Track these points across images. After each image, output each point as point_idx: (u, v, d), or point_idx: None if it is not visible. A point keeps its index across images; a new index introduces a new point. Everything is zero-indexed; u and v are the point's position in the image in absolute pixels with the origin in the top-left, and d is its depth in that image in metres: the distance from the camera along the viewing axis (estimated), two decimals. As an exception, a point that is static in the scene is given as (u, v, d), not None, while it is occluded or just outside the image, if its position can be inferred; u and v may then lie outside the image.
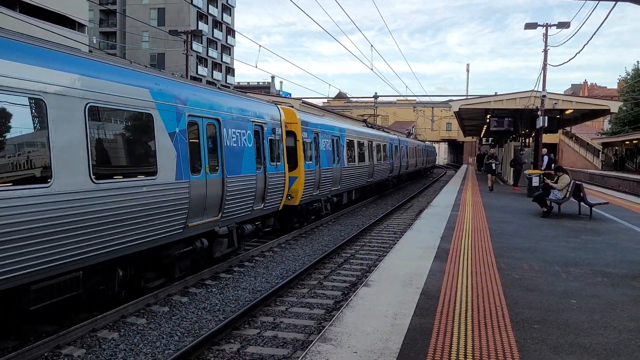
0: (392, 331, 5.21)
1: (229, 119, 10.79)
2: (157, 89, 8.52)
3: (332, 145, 18.23)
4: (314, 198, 16.52)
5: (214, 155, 10.09)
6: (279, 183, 13.19)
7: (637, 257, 9.44)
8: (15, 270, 5.88)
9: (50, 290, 6.60)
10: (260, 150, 12.22)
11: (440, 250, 9.62)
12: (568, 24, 22.42)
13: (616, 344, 5.08)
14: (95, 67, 7.35)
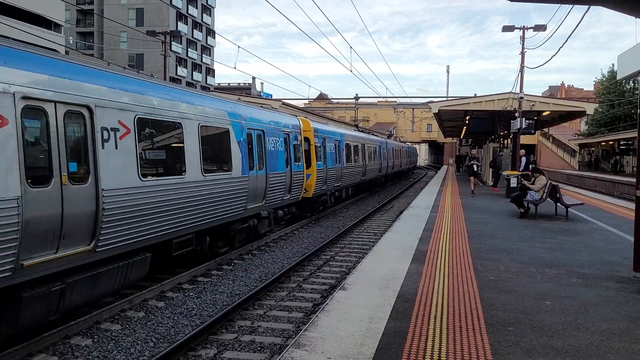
0: (367, 335, 5.18)
1: (269, 130, 14.24)
2: (230, 111, 12.01)
3: (335, 148, 21.23)
4: (322, 192, 19.74)
5: (260, 157, 13.39)
6: (300, 179, 16.56)
7: (610, 258, 9.57)
8: (170, 229, 9.29)
9: (180, 245, 9.90)
10: (287, 152, 15.53)
11: (418, 252, 9.64)
12: (544, 27, 22.71)
13: (588, 345, 5.12)
14: (204, 100, 11.25)
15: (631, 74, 7.68)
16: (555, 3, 7.11)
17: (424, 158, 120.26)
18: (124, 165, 8.03)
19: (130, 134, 8.25)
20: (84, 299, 7.55)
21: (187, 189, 9.67)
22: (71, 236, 6.97)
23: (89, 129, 7.37)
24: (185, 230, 9.86)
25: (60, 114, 6.90)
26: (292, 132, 16.23)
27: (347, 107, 77.65)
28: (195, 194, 9.93)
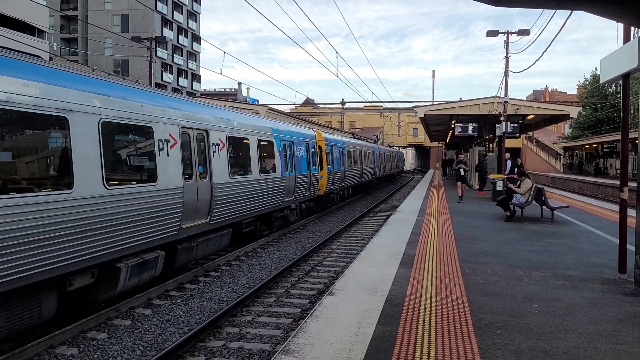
0: (356, 341, 5.17)
1: (297, 140, 17.94)
2: (273, 127, 15.91)
3: (339, 154, 24.79)
4: (331, 191, 23.35)
5: (292, 162, 16.93)
6: (316, 179, 20.33)
7: (596, 260, 9.66)
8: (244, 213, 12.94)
9: (247, 225, 13.53)
10: (308, 158, 19.21)
11: (405, 256, 9.65)
12: (528, 32, 22.98)
13: (576, 347, 5.15)
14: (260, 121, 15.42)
15: (613, 77, 7.78)
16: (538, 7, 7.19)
17: (410, 162, 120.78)
18: (222, 167, 11.78)
19: (225, 147, 12.10)
20: (200, 254, 11.32)
21: (253, 185, 13.55)
22: (200, 212, 10.73)
23: (206, 144, 11.22)
24: (250, 214, 13.67)
25: (194, 136, 10.72)
26: (311, 141, 20.07)
27: (334, 112, 77.75)
28: (256, 188, 13.82)
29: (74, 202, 7.16)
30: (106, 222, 7.80)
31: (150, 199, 8.87)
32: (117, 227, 8.06)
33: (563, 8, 6.93)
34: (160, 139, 9.39)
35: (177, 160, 9.83)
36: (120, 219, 8.10)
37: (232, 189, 12.19)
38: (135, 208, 8.47)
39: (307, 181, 18.88)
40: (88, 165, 7.47)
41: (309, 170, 19.10)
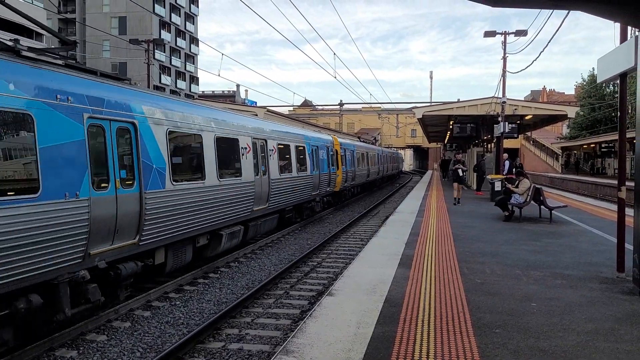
0: (355, 341, 5.18)
1: (320, 145, 21.74)
2: (304, 135, 20.01)
3: (351, 156, 28.40)
4: (344, 188, 26.78)
5: (317, 163, 20.81)
6: (334, 177, 23.94)
7: (594, 259, 9.68)
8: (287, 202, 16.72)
9: (288, 212, 17.15)
10: (328, 160, 22.82)
11: (404, 256, 9.67)
12: (525, 32, 23.02)
13: (574, 346, 5.17)
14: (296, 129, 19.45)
15: (610, 77, 7.81)
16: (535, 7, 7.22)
17: (409, 163, 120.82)
18: (275, 167, 15.58)
19: (276, 152, 15.92)
20: (261, 231, 15.06)
21: (293, 180, 17.37)
22: (262, 200, 14.44)
23: (265, 150, 14.99)
24: (290, 203, 17.34)
25: (258, 144, 14.49)
26: (330, 146, 23.68)
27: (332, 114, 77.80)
28: (295, 184, 17.54)
29: (204, 189, 11.07)
30: (217, 203, 11.60)
31: (238, 188, 12.75)
32: (223, 206, 11.88)
33: (560, 8, 6.96)
34: (242, 147, 13.40)
35: (251, 162, 13.73)
36: (224, 200, 11.97)
37: (281, 183, 16.08)
38: (231, 194, 12.35)
39: (328, 179, 22.71)
40: (211, 165, 11.38)
41: (329, 169, 22.93)
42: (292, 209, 17.98)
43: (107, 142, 8.08)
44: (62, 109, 7.12)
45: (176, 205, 9.79)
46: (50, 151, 6.86)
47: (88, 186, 7.43)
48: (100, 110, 7.91)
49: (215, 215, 11.38)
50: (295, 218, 18.77)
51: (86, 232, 7.37)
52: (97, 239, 7.67)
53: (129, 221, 8.39)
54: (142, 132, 8.99)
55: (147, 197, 8.85)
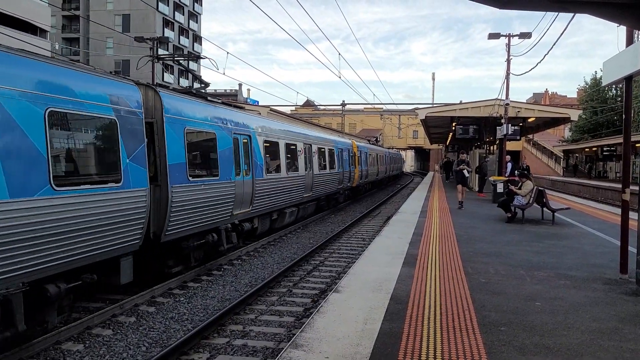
0: (363, 336, 5.25)
1: (344, 148, 26.22)
2: (334, 140, 24.84)
3: (365, 157, 32.88)
4: (360, 184, 31.59)
5: (342, 162, 25.09)
6: (353, 175, 28.31)
7: (597, 261, 9.72)
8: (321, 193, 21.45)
9: (321, 201, 22.11)
10: (349, 159, 27.30)
11: (408, 255, 9.72)
12: (530, 35, 23.05)
13: (579, 344, 5.23)
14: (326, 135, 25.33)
15: (616, 80, 7.86)
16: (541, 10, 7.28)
17: (410, 164, 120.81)
18: (316, 165, 19.91)
19: (317, 154, 20.53)
20: (305, 213, 19.21)
21: (327, 176, 21.97)
22: (307, 189, 18.60)
23: (312, 152, 19.52)
24: (324, 194, 22.07)
25: (308, 147, 18.95)
26: (350, 148, 28.00)
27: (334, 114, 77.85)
28: (329, 178, 22.26)
29: (281, 179, 15.91)
30: (286, 189, 16.36)
31: (296, 180, 17.49)
32: (288, 192, 16.64)
33: (566, 11, 7.02)
34: (298, 150, 18.07)
35: (303, 161, 18.47)
36: (289, 188, 16.67)
37: (319, 178, 20.60)
38: (293, 184, 17.11)
39: (349, 176, 27.13)
40: (283, 163, 16.24)
41: (350, 168, 27.28)
42: (324, 198, 22.80)
43: (239, 148, 12.92)
44: (225, 130, 12.17)
45: (268, 189, 14.79)
46: (221, 153, 11.76)
47: (234, 174, 12.36)
48: (237, 129, 12.96)
49: (284, 198, 16.36)
50: (325, 206, 23.58)
51: (233, 201, 12.20)
52: (236, 205, 12.50)
53: (247, 196, 13.25)
54: (253, 141, 13.90)
55: (256, 182, 13.73)
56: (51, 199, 6.72)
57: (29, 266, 6.48)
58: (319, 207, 22.03)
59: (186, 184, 10.05)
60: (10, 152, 6.18)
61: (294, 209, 17.52)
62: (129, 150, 8.43)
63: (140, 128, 8.79)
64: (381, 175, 42.28)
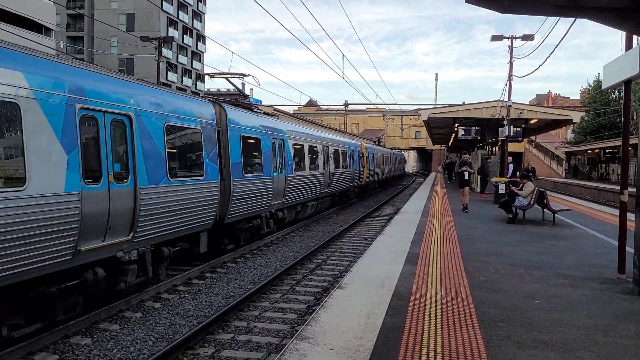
0: (366, 329, 5.42)
1: (355, 149, 28.55)
2: (346, 142, 27.62)
3: (372, 157, 35.33)
4: (368, 182, 34.13)
5: (352, 162, 27.41)
6: (362, 173, 30.68)
7: (596, 261, 9.87)
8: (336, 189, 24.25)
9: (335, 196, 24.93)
10: (359, 159, 29.66)
11: (410, 254, 9.89)
12: (532, 37, 23.15)
13: (575, 339, 5.39)
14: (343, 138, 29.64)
15: (615, 83, 8.01)
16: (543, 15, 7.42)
17: (412, 165, 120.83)
18: (333, 164, 22.71)
19: (333, 154, 22.84)
20: (322, 207, 21.76)
21: (341, 174, 24.24)
22: (324, 186, 21.12)
23: (329, 153, 22.02)
24: (338, 190, 24.48)
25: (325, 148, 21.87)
26: (359, 149, 30.22)
27: (337, 114, 78.00)
28: (342, 176, 24.49)
29: (304, 176, 18.20)
30: (309, 185, 18.78)
31: (318, 177, 20.13)
32: (311, 187, 19.17)
33: (567, 16, 7.16)
34: (318, 151, 20.50)
35: (322, 160, 21.01)
36: (312, 184, 19.24)
37: (334, 176, 23.01)
38: (314, 180, 19.64)
39: (359, 174, 29.55)
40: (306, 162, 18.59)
41: (359, 167, 29.58)
42: (338, 194, 25.31)
43: (275, 149, 15.42)
44: (266, 135, 14.79)
45: (296, 184, 17.21)
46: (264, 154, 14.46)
47: (272, 171, 14.85)
48: (274, 134, 15.48)
49: (307, 192, 18.76)
50: (338, 202, 26.17)
51: (272, 193, 14.80)
52: (273, 197, 14.99)
53: (281, 190, 15.65)
54: (285, 144, 16.32)
55: (287, 178, 16.18)
56: (167, 186, 9.38)
57: (154, 233, 9.13)
58: (333, 202, 24.70)
59: (242, 178, 12.77)
60: (148, 154, 8.84)
61: (314, 203, 20.30)
62: (208, 152, 11.09)
63: (214, 135, 11.49)
64: (386, 174, 45.17)
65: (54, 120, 6.86)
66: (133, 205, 8.37)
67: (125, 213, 8.18)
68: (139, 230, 8.55)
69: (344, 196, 27.29)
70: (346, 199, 27.86)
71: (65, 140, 7.01)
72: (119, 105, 8.24)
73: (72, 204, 7.04)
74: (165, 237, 9.54)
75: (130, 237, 8.37)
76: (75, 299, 7.75)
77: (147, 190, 8.72)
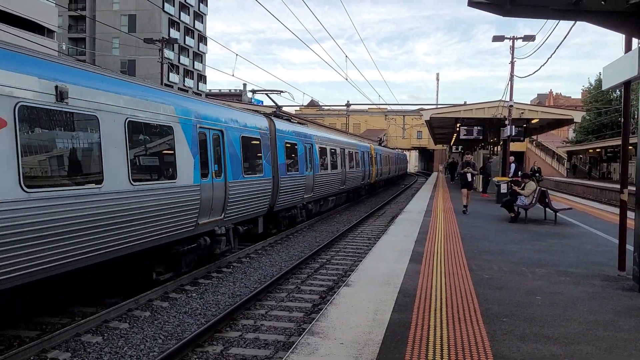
0: (374, 325, 5.59)
1: (366, 151, 31.45)
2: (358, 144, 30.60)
3: (380, 158, 38.03)
4: (377, 180, 36.98)
5: (364, 162, 30.70)
6: (371, 172, 33.18)
7: (597, 259, 10.02)
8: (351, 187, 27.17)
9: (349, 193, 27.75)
10: (369, 160, 32.27)
11: (415, 253, 10.05)
12: (533, 37, 23.26)
13: (576, 334, 5.55)
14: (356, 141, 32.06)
15: (615, 85, 8.17)
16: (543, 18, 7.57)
17: (414, 165, 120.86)
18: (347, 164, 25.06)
19: (347, 155, 25.61)
20: (339, 202, 25.24)
21: (354, 173, 26.79)
22: (341, 183, 23.88)
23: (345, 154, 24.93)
24: (353, 187, 27.13)
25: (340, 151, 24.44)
26: (368, 151, 32.78)
27: (339, 114, 78.15)
28: (355, 175, 26.98)
29: (326, 175, 21.26)
30: (330, 182, 21.71)
31: (337, 176, 22.93)
32: (332, 184, 21.99)
33: (567, 19, 7.31)
34: (336, 153, 23.17)
35: (340, 160, 23.70)
36: (333, 181, 22.01)
37: (349, 174, 25.57)
38: (335, 178, 22.45)
39: (369, 173, 32.22)
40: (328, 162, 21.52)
41: (369, 167, 32.50)
42: (352, 190, 28.09)
43: (307, 152, 18.44)
44: (300, 140, 17.87)
45: (322, 181, 20.29)
46: (300, 156, 17.54)
47: (305, 170, 18.00)
48: (306, 139, 18.62)
49: (329, 189, 21.62)
50: (352, 198, 28.98)
51: (305, 188, 17.96)
52: (305, 192, 18.12)
53: (310, 186, 18.64)
54: (314, 148, 19.43)
55: (315, 176, 19.29)
56: (243, 181, 12.58)
57: (235, 215, 12.32)
58: (348, 198, 27.84)
59: (286, 176, 15.97)
60: (232, 157, 12.01)
61: (333, 198, 23.38)
62: (264, 155, 14.36)
63: (268, 143, 14.70)
64: (392, 174, 49.45)
65: (187, 137, 10.04)
66: (224, 194, 11.57)
67: (220, 199, 11.37)
68: (227, 212, 11.83)
69: (356, 192, 30.18)
70: (358, 195, 31.00)
71: (193, 150, 10.20)
72: (216, 123, 11.49)
73: (196, 192, 10.28)
74: (240, 219, 12.81)
75: (222, 217, 11.64)
76: (192, 257, 10.99)
77: (232, 183, 11.99)
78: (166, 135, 9.60)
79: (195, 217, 10.29)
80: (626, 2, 6.30)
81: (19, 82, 6.40)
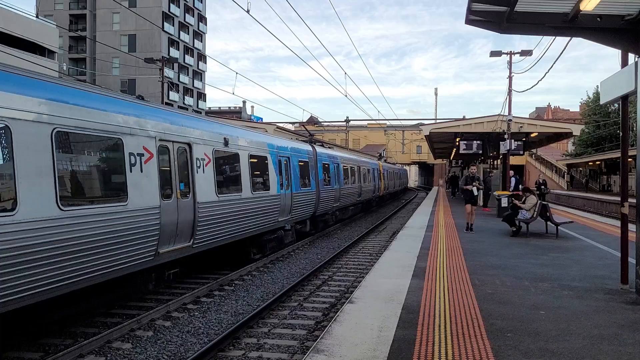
0: (379, 342, 5.58)
1: (375, 168, 36.41)
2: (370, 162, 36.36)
3: (386, 173, 42.47)
4: (384, 193, 41.15)
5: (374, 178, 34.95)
6: (380, 186, 37.71)
7: (599, 272, 10.01)
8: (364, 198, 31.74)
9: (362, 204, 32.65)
10: (379, 175, 37.41)
11: (417, 268, 10.05)
12: (531, 52, 23.55)
13: (581, 348, 5.55)
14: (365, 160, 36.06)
15: (612, 99, 8.25)
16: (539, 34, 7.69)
17: (414, 179, 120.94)
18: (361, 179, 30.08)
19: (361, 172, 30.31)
20: (354, 212, 29.51)
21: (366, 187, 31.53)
22: (357, 195, 28.56)
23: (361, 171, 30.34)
24: (367, 199, 32.72)
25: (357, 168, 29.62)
26: (377, 167, 37.19)
27: (339, 130, 78.42)
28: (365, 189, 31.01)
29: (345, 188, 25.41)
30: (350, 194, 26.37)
31: (355, 189, 27.60)
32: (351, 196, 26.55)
33: (564, 35, 7.42)
34: (355, 170, 27.98)
35: (357, 176, 28.25)
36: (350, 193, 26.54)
37: (364, 188, 29.99)
38: (352, 191, 26.96)
39: (378, 187, 36.68)
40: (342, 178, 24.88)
41: (378, 181, 36.84)
42: (366, 202, 32.43)
43: (335, 170, 23.19)
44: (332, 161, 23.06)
45: (345, 193, 24.97)
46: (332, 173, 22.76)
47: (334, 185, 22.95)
48: (335, 160, 23.72)
49: (349, 199, 25.86)
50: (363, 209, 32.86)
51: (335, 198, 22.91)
52: (335, 201, 22.87)
53: (337, 197, 23.16)
54: (340, 167, 23.97)
55: (341, 189, 23.68)
56: (300, 192, 17.40)
57: (296, 216, 17.26)
58: (362, 208, 32.19)
59: (323, 189, 20.68)
60: (294, 175, 16.99)
61: (351, 207, 27.84)
62: (311, 173, 19.23)
63: (313, 164, 19.70)
64: (396, 187, 54.99)
65: (274, 163, 15.15)
66: (290, 202, 16.28)
67: (288, 205, 16.12)
68: (292, 213, 16.63)
69: (369, 203, 34.89)
70: (370, 205, 35.82)
71: (277, 171, 15.27)
72: (285, 152, 16.49)
73: (280, 200, 15.31)
74: (298, 219, 17.66)
75: (289, 217, 16.24)
76: (273, 244, 15.62)
77: (296, 194, 16.93)
78: (264, 161, 14.72)
79: (277, 215, 15.18)
80: (621, 19, 6.40)
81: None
